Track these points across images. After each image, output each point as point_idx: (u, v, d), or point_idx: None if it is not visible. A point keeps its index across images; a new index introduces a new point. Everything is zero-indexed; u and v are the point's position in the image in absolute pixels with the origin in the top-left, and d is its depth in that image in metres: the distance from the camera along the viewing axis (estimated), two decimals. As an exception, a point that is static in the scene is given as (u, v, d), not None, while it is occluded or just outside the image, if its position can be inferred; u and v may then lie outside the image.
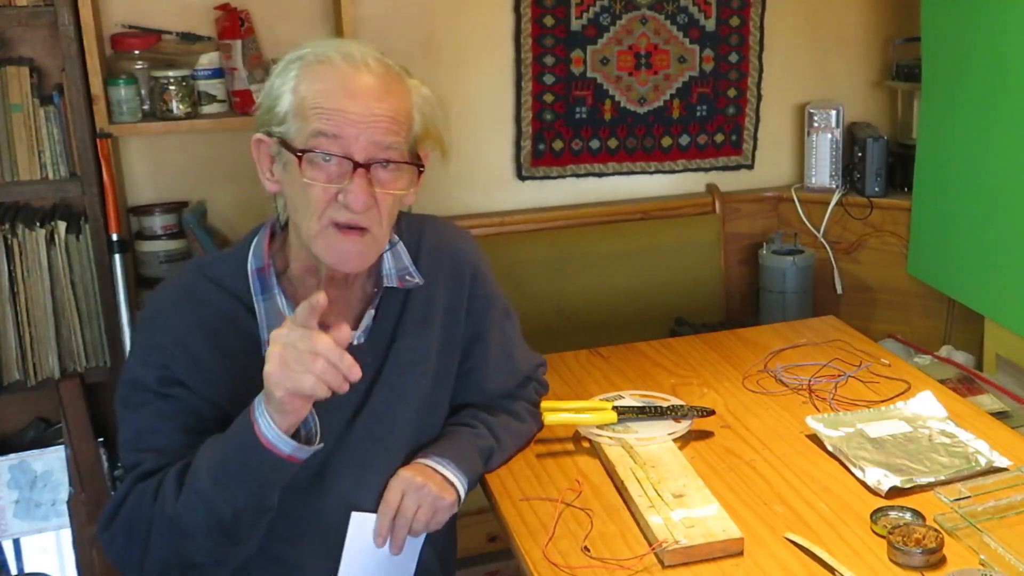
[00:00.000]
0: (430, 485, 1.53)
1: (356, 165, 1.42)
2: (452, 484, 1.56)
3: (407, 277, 1.61)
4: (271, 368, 1.30)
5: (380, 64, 1.46)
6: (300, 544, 1.55)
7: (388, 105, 1.44)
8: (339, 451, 1.54)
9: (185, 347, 1.47)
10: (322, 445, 1.37)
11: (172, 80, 2.51)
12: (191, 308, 1.50)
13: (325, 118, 1.41)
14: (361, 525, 1.54)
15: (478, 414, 1.70)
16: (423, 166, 1.51)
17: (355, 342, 1.54)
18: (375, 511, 1.54)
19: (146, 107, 2.56)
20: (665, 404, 1.83)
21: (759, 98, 3.12)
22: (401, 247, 1.62)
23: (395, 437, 1.59)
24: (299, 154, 1.42)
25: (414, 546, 1.58)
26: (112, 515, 1.46)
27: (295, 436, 1.34)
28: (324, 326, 1.48)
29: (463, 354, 1.70)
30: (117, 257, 2.46)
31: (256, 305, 1.51)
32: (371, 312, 1.57)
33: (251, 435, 1.33)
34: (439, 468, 1.57)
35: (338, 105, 1.42)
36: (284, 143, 1.45)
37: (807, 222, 3.10)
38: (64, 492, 2.53)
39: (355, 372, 1.30)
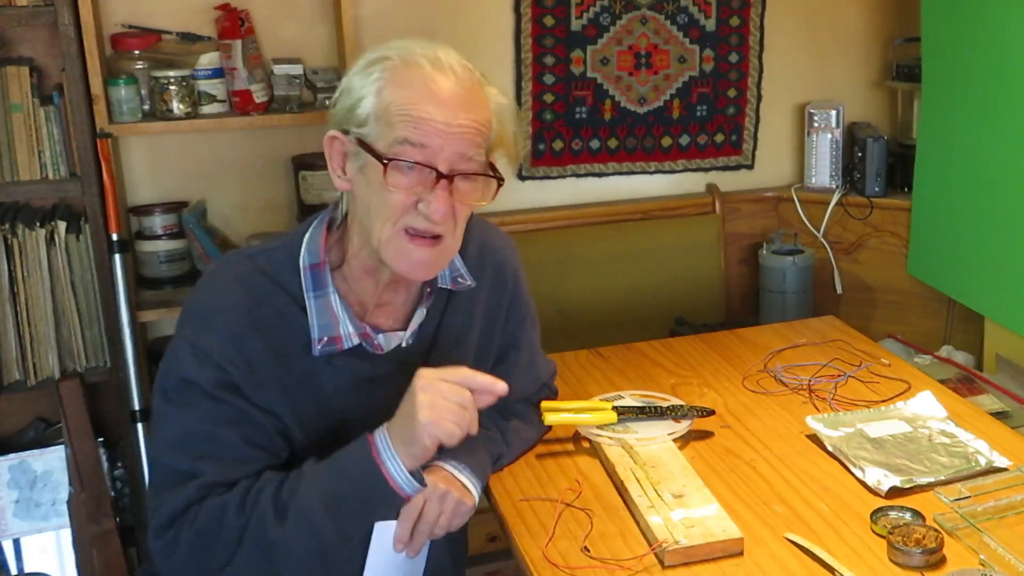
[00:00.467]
0: (452, 492, 1.52)
1: (439, 175, 1.41)
2: (469, 490, 1.56)
3: (459, 279, 1.61)
4: (426, 417, 1.34)
5: (464, 70, 1.44)
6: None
7: (473, 116, 1.42)
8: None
9: (239, 346, 1.44)
10: (426, 485, 1.42)
11: (172, 80, 2.51)
12: (244, 302, 1.46)
13: (412, 126, 1.39)
14: (384, 532, 1.54)
15: (494, 417, 1.71)
16: (503, 179, 1.49)
17: (403, 344, 1.54)
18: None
19: (146, 107, 2.56)
20: (665, 404, 1.83)
21: (759, 98, 3.12)
22: (456, 256, 1.60)
23: None
24: (385, 162, 1.39)
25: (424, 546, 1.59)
26: (170, 522, 1.42)
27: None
28: (375, 327, 1.51)
29: (496, 359, 1.71)
30: (117, 257, 2.46)
31: (307, 302, 1.48)
32: (422, 311, 1.56)
33: (376, 474, 1.37)
34: (457, 474, 1.56)
35: (425, 114, 1.39)
36: (364, 145, 1.42)
37: (807, 222, 3.10)
38: (64, 492, 2.53)
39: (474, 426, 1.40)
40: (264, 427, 1.46)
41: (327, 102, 2.61)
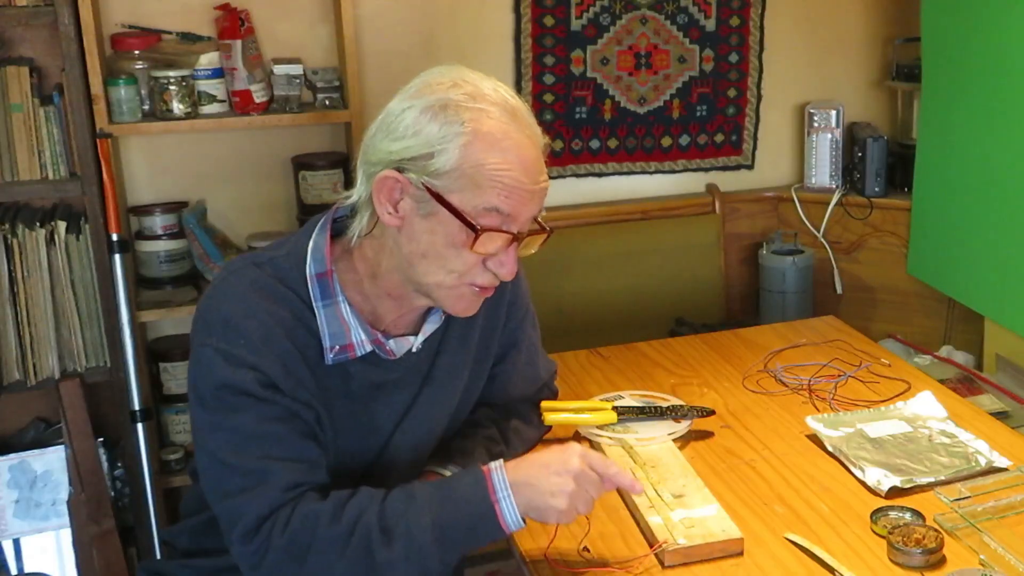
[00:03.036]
0: None
1: (514, 237, 1.40)
2: None
3: None
4: (565, 507, 1.37)
5: (533, 123, 1.42)
6: None
7: (545, 175, 1.42)
8: (383, 456, 1.54)
9: (270, 347, 1.41)
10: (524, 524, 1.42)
11: (172, 80, 2.51)
12: (266, 305, 1.43)
13: (505, 196, 1.37)
14: None
15: (494, 417, 1.71)
16: (551, 232, 1.48)
17: (414, 349, 1.54)
18: None
19: (146, 107, 2.56)
20: (665, 404, 1.83)
21: (759, 98, 3.12)
22: None
23: (431, 443, 1.61)
24: (478, 229, 1.36)
25: None
26: (258, 527, 1.38)
27: None
28: (386, 334, 1.50)
29: (496, 358, 1.71)
30: (117, 257, 2.46)
31: (317, 311, 1.45)
32: (435, 318, 1.55)
33: (491, 515, 1.38)
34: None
35: (517, 183, 1.37)
36: (439, 197, 1.37)
37: (807, 222, 3.10)
38: (64, 492, 2.53)
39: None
40: (311, 422, 1.44)
41: (327, 102, 2.62)
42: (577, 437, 1.78)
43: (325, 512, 1.37)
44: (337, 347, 1.45)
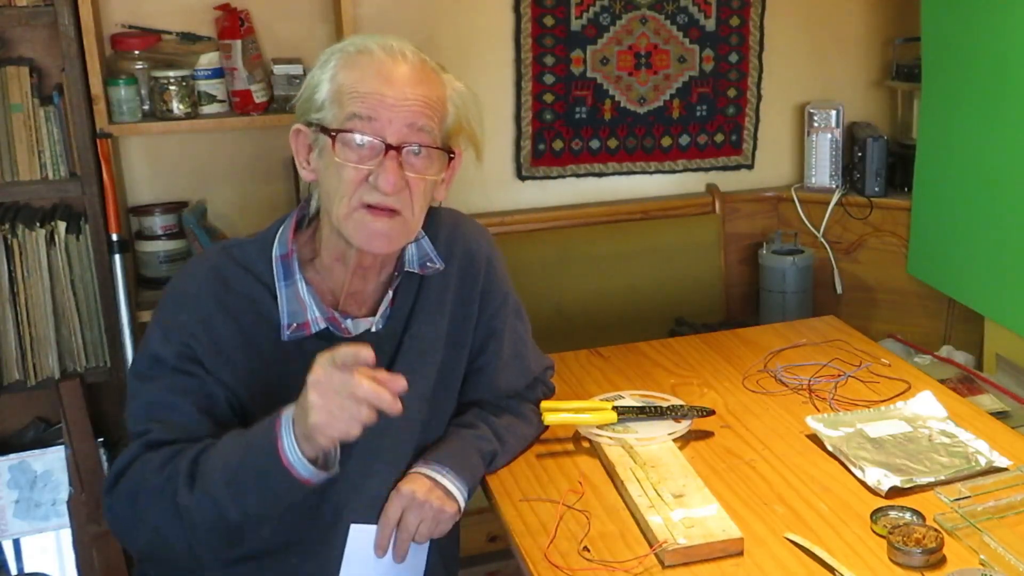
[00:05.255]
0: (431, 501, 1.54)
1: (388, 147, 1.46)
2: (452, 495, 1.56)
3: (428, 263, 1.63)
4: (317, 420, 1.28)
5: (416, 55, 1.50)
6: (300, 544, 1.55)
7: (422, 91, 1.48)
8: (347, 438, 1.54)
9: (208, 327, 1.50)
10: (337, 471, 1.39)
11: (172, 80, 2.51)
12: (216, 288, 1.52)
13: (360, 101, 1.46)
14: (360, 537, 1.54)
15: (484, 415, 1.71)
16: (454, 153, 1.55)
17: (373, 329, 1.57)
18: (379, 506, 1.54)
19: (146, 107, 2.56)
20: (665, 404, 1.82)
21: (759, 98, 3.12)
22: (426, 240, 1.64)
23: (405, 426, 1.57)
24: (333, 134, 1.46)
25: (421, 549, 1.58)
26: (115, 479, 1.47)
27: (313, 460, 1.35)
28: (344, 314, 1.55)
29: (476, 351, 1.71)
30: (117, 257, 2.46)
31: (278, 291, 1.53)
32: (389, 295, 1.59)
33: (273, 451, 1.33)
34: (440, 479, 1.57)
35: (374, 89, 1.46)
36: (321, 128, 1.49)
37: (807, 222, 3.10)
38: (64, 492, 2.53)
39: (396, 408, 1.29)
40: (220, 401, 1.50)
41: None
42: (577, 437, 1.78)
43: (153, 460, 1.43)
44: (294, 324, 1.52)
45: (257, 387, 1.51)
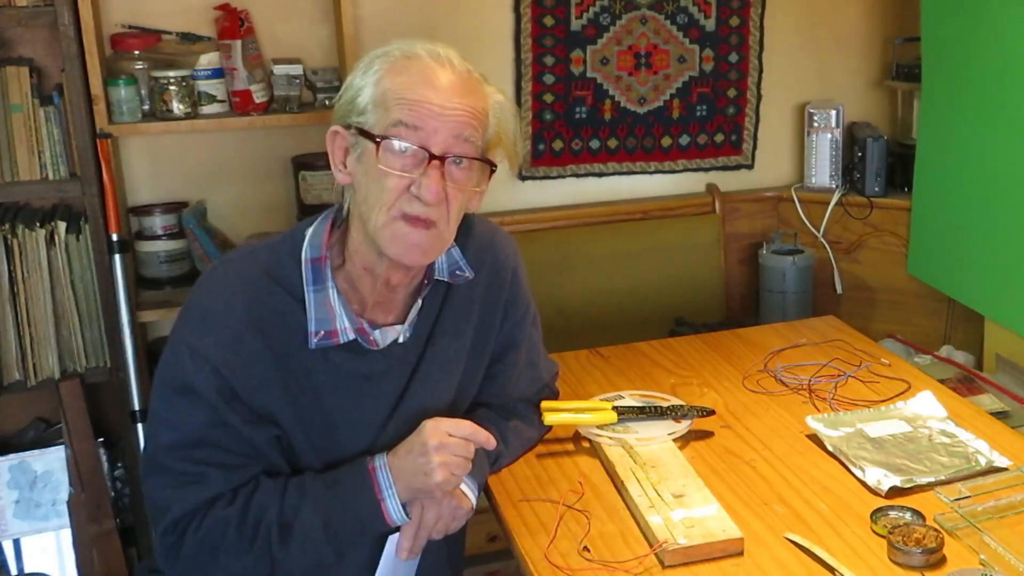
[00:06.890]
0: (449, 497, 1.54)
1: (431, 157, 1.43)
2: (465, 493, 1.57)
3: (458, 272, 1.61)
4: (442, 479, 1.45)
5: (462, 64, 1.48)
6: None
7: (468, 101, 1.46)
8: (375, 449, 1.55)
9: (237, 348, 1.46)
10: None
11: (172, 80, 2.51)
12: (244, 301, 1.48)
13: (407, 108, 1.43)
14: (391, 542, 1.55)
15: (493, 417, 1.71)
16: (495, 165, 1.52)
17: (400, 339, 1.56)
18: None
19: (146, 107, 2.56)
20: (665, 404, 1.83)
21: (759, 98, 3.12)
22: (455, 248, 1.61)
23: None
24: (378, 140, 1.43)
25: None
26: (175, 524, 1.47)
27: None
28: (371, 323, 1.53)
29: (494, 359, 1.71)
30: (117, 257, 2.46)
31: (307, 296, 1.49)
32: (418, 304, 1.57)
33: (376, 510, 1.47)
34: None
35: (420, 96, 1.43)
36: (362, 132, 1.46)
37: (807, 222, 3.10)
38: (64, 492, 2.53)
39: (491, 444, 1.53)
40: (262, 431, 1.49)
41: (327, 102, 2.62)
42: (577, 437, 1.78)
43: (232, 518, 1.46)
44: (322, 332, 1.49)
45: (290, 404, 1.50)
